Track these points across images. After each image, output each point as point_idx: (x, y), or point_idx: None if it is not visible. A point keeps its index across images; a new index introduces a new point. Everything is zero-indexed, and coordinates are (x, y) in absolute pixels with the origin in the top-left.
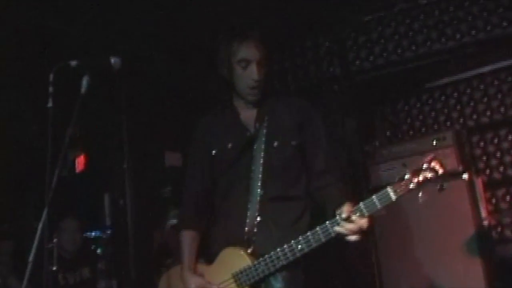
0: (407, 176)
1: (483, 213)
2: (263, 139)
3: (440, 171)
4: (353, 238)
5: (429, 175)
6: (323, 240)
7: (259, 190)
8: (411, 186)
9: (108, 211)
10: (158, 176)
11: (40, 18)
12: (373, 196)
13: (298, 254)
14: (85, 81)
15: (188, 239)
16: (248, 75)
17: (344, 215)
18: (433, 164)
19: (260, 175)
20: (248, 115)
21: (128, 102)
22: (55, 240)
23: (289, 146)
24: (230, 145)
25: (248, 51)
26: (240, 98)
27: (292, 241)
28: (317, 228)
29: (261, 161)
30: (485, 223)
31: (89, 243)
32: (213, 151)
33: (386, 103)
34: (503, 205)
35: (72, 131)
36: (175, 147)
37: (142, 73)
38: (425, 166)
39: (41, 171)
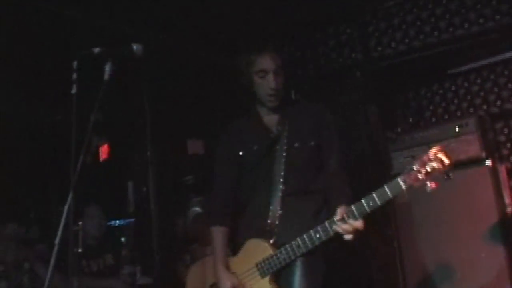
0: (415, 167)
1: (507, 200)
2: (285, 140)
3: (447, 161)
4: (348, 237)
5: (436, 165)
6: (324, 238)
7: (281, 186)
8: (420, 176)
9: (132, 199)
10: (181, 164)
11: (62, 5)
12: (373, 194)
13: (316, 242)
14: (108, 68)
15: (219, 235)
16: (266, 84)
17: (337, 217)
18: (439, 155)
19: (282, 173)
20: (270, 119)
21: (150, 90)
22: (80, 223)
23: (308, 147)
24: (255, 147)
25: (264, 62)
26: (262, 105)
27: (311, 230)
28: (326, 223)
29: (283, 160)
30: (509, 210)
31: (113, 231)
32: (240, 152)
33: (409, 90)
34: None
35: (96, 117)
36: (197, 135)
37: (165, 61)
38: (432, 157)
39: (65, 158)
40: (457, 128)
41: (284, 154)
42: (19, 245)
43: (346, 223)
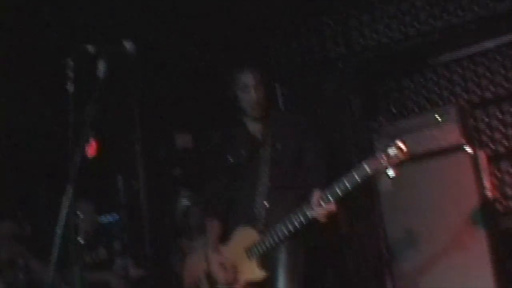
0: (379, 154)
1: (487, 186)
2: (269, 143)
3: (405, 149)
4: (323, 220)
5: (396, 152)
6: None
7: (267, 181)
8: (382, 162)
9: (122, 192)
10: (170, 157)
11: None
12: (343, 179)
13: (296, 224)
14: (101, 65)
15: (213, 226)
16: (249, 98)
17: (312, 201)
18: (399, 143)
19: (267, 170)
20: (254, 127)
21: (139, 84)
22: (79, 213)
23: (290, 149)
24: (243, 152)
25: (245, 79)
26: (247, 115)
27: (291, 214)
28: (303, 207)
29: (269, 159)
30: (489, 195)
31: (104, 225)
32: (231, 159)
33: (391, 80)
34: (507, 178)
35: (92, 113)
36: (186, 129)
37: (154, 56)
38: (392, 145)
39: (56, 155)
40: (438, 117)
41: (269, 154)
42: (13, 242)
43: (321, 207)
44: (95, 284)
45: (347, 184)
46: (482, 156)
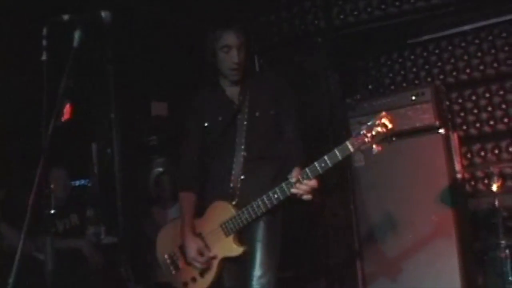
0: (362, 132)
1: (457, 167)
2: (246, 110)
3: (390, 126)
4: (307, 197)
5: (380, 129)
6: (288, 193)
7: (243, 152)
8: (366, 140)
9: (96, 160)
10: (145, 125)
11: None
12: (324, 157)
13: (275, 202)
14: (77, 35)
15: (187, 200)
16: (230, 59)
17: (293, 179)
18: (383, 120)
19: (243, 140)
20: (232, 91)
21: (115, 53)
22: (52, 186)
23: (268, 115)
24: (220, 118)
25: (229, 38)
26: (225, 78)
27: (269, 191)
28: (283, 184)
29: (245, 128)
30: (459, 176)
31: (77, 191)
32: (206, 124)
33: (369, 57)
34: (478, 160)
35: (66, 83)
36: (161, 97)
37: (130, 23)
38: (377, 122)
39: (26, 120)
40: (413, 97)
41: (245, 122)
42: None
43: (301, 184)
44: (67, 251)
45: (328, 162)
46: (454, 138)
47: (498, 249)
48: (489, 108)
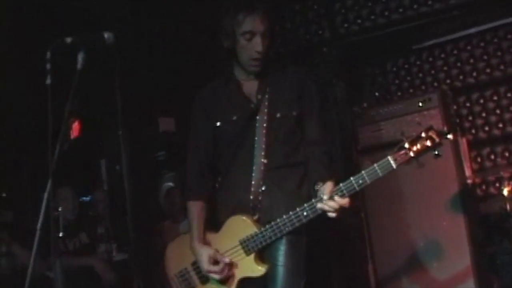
0: (406, 145)
1: (467, 172)
2: (266, 110)
3: (437, 139)
4: (333, 215)
5: (427, 143)
6: (312, 216)
7: (263, 159)
8: (411, 154)
9: (105, 177)
10: (153, 141)
11: None
12: (363, 172)
13: (304, 220)
14: (80, 57)
15: (195, 210)
16: (252, 47)
17: (325, 196)
18: (430, 133)
19: (263, 145)
20: (250, 86)
21: (122, 70)
22: (60, 208)
23: (291, 117)
24: (234, 117)
25: (253, 23)
26: (242, 69)
27: (298, 208)
28: (313, 200)
29: (264, 132)
30: (469, 181)
31: (86, 210)
32: (218, 123)
33: (375, 65)
34: (488, 164)
35: (71, 105)
36: (168, 112)
37: (137, 40)
38: (423, 135)
39: (36, 142)
40: (420, 103)
41: (265, 125)
42: None
43: (333, 201)
44: (80, 269)
45: (367, 179)
46: (463, 142)
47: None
48: (498, 111)
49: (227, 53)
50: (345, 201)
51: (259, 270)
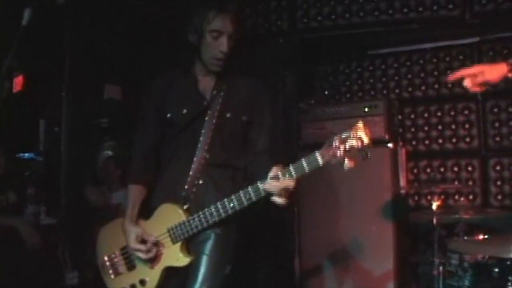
0: (335, 144)
1: (402, 181)
2: (217, 107)
3: (366, 140)
4: (280, 200)
5: (355, 143)
6: (254, 199)
7: (205, 153)
8: (338, 153)
9: (43, 138)
10: (96, 107)
11: None
12: (302, 160)
13: (229, 211)
14: (26, 14)
15: (133, 192)
16: (217, 46)
17: (271, 174)
18: (359, 133)
19: (208, 140)
20: (206, 83)
21: (73, 32)
22: None
23: (240, 121)
24: (185, 111)
25: (223, 23)
26: (203, 66)
27: (225, 199)
28: (249, 188)
29: (212, 127)
30: (403, 191)
31: (20, 166)
32: (168, 114)
33: (328, 64)
34: (423, 176)
35: (11, 63)
36: (116, 80)
37: (89, 5)
38: (352, 135)
39: None
40: (366, 108)
41: (214, 121)
42: None
43: (277, 180)
44: (3, 229)
45: (294, 173)
46: (402, 153)
47: (432, 265)
48: (440, 127)
49: (191, 46)
50: (289, 181)
51: (183, 260)
